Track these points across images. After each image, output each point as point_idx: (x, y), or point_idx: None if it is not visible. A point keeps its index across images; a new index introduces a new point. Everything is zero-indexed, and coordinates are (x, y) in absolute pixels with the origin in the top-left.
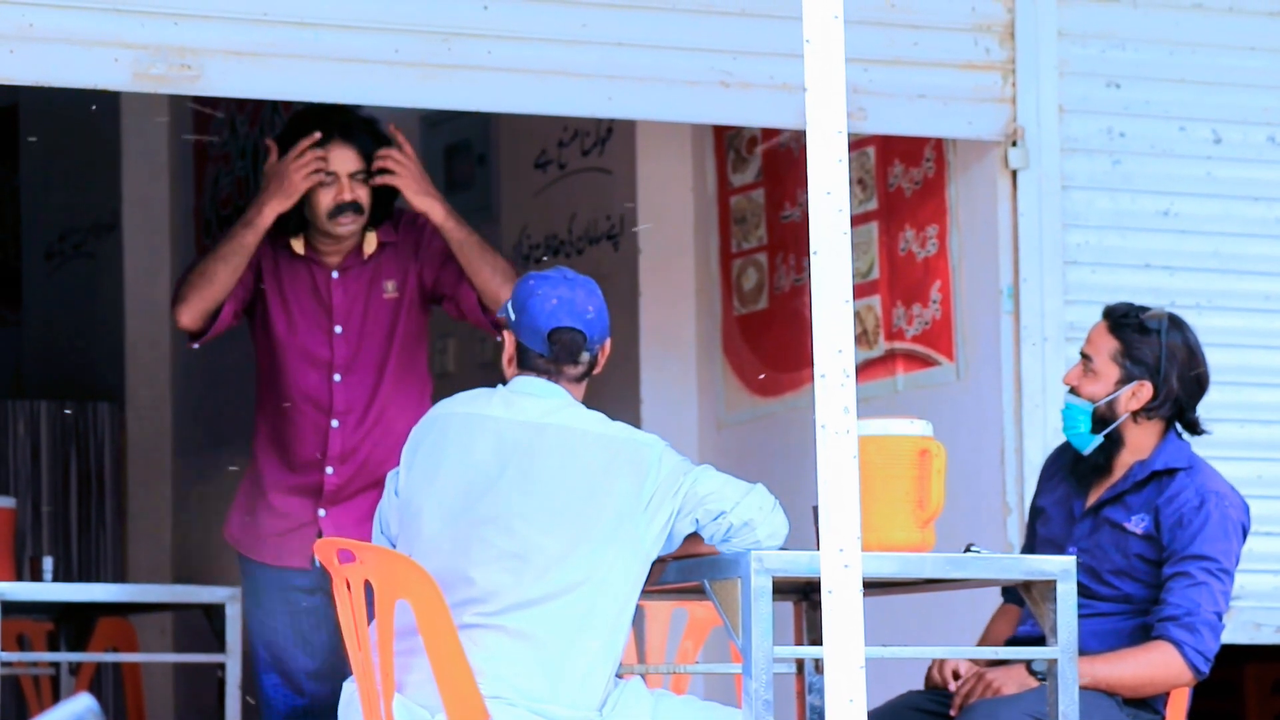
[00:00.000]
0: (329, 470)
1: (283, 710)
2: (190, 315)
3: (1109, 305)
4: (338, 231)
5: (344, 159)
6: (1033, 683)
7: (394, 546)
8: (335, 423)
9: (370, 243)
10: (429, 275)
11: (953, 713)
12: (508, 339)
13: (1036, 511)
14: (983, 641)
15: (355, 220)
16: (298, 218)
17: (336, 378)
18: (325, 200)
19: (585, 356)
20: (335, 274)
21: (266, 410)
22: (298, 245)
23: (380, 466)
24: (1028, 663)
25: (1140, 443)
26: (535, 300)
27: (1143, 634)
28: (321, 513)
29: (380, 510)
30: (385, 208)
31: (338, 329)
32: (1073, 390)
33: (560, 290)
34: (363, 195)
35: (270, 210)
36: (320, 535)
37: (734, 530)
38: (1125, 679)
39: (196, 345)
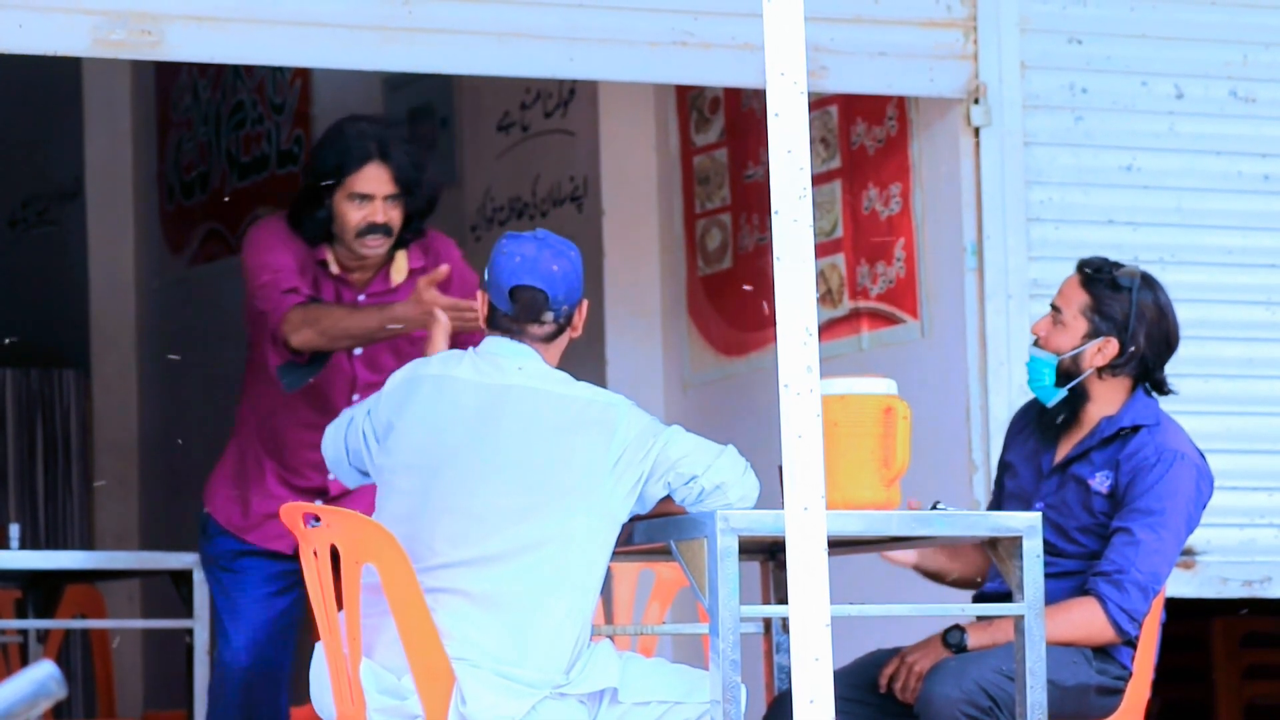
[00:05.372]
0: (332, 475)
1: (232, 668)
2: (304, 345)
3: (1083, 259)
4: (364, 251)
5: (379, 180)
6: (946, 652)
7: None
8: None
9: (400, 270)
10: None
11: (882, 689)
12: (480, 299)
13: (1004, 466)
14: (952, 556)
15: (384, 242)
16: (325, 230)
17: (355, 397)
18: (355, 218)
19: (549, 316)
20: (362, 297)
21: (266, 409)
22: (331, 262)
23: None
24: (943, 635)
25: (1107, 399)
26: (501, 258)
27: None
28: (318, 502)
29: (345, 434)
30: (414, 228)
31: (357, 351)
32: (1038, 342)
33: (526, 248)
34: (395, 218)
35: (411, 330)
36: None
37: (706, 494)
38: (1049, 634)
39: (289, 384)
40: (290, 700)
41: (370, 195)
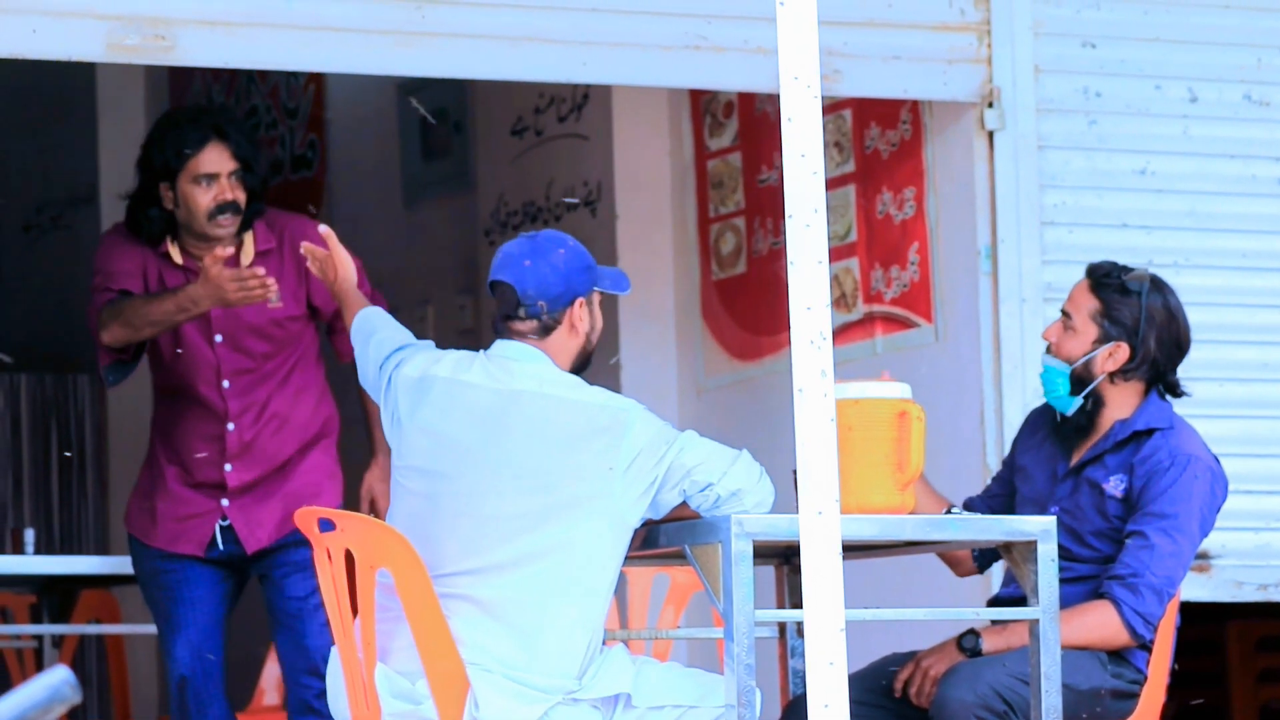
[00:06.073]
0: (228, 468)
1: (176, 675)
2: (114, 340)
3: (1092, 263)
4: (216, 233)
5: (221, 159)
6: (961, 656)
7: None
8: (231, 426)
9: (248, 253)
10: (320, 299)
11: (896, 694)
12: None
13: (1013, 467)
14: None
15: (234, 221)
16: (169, 222)
17: (226, 384)
18: (204, 201)
19: (523, 311)
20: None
21: (162, 412)
22: (175, 254)
23: (278, 455)
24: (958, 640)
25: (1121, 402)
26: (495, 258)
27: None
28: (225, 502)
29: (373, 355)
30: (255, 208)
31: (218, 338)
32: (1050, 348)
33: (512, 246)
34: (240, 196)
35: (206, 308)
36: (225, 520)
37: (722, 501)
38: (1064, 637)
39: (113, 380)
40: (229, 698)
41: (215, 174)
